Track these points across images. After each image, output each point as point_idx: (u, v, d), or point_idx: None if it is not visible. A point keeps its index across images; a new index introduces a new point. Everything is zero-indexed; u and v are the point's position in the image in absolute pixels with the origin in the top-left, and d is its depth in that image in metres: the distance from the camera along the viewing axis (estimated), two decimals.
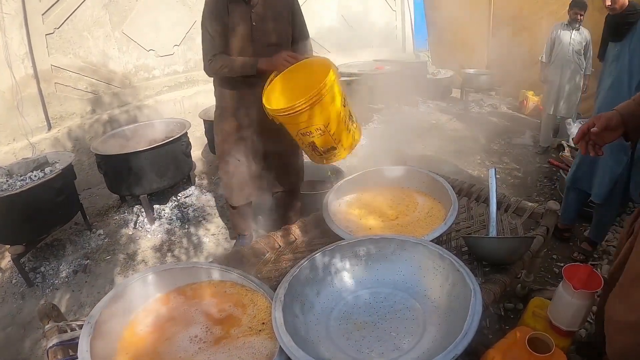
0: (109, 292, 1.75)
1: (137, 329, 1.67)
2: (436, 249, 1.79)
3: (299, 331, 1.56)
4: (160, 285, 1.85)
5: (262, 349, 1.54)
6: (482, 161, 5.90)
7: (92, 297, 3.61)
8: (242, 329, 1.64)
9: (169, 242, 4.23)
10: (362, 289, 1.88)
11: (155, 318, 1.72)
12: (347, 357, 1.54)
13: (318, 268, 1.86)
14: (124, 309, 1.71)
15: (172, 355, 1.54)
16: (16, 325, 3.42)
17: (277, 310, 1.55)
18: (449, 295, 1.66)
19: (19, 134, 5.10)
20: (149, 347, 1.58)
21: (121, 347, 1.58)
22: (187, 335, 1.63)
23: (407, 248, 1.89)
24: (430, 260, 1.81)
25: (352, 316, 1.74)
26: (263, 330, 1.62)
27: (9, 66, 4.91)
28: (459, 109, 8.31)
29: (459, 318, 1.46)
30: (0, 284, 3.84)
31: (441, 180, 2.64)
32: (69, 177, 4.07)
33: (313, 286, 1.82)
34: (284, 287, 1.67)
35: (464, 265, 1.66)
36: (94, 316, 1.58)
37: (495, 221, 2.33)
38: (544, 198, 4.74)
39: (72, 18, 5.39)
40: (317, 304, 1.79)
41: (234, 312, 1.72)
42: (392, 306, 1.76)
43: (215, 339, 1.61)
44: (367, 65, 7.96)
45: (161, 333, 1.64)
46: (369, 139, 6.77)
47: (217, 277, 1.90)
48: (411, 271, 1.86)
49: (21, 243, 3.74)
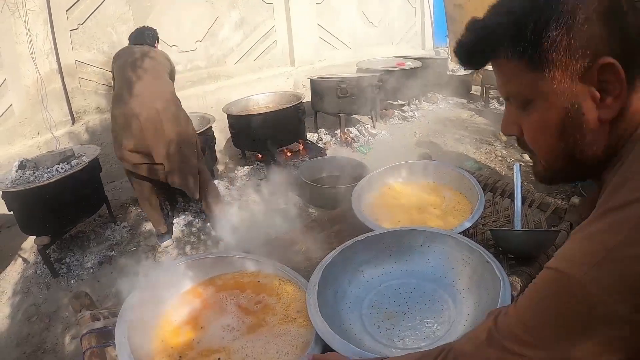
0: (142, 281, 1.76)
1: (171, 318, 1.68)
2: (465, 241, 1.79)
3: (333, 319, 1.57)
4: (193, 275, 1.85)
5: (297, 337, 1.54)
6: (504, 158, 5.86)
7: (117, 288, 3.65)
8: (278, 317, 1.64)
9: (191, 235, 4.26)
10: (391, 280, 1.88)
11: (189, 307, 1.73)
12: (379, 344, 1.56)
13: (349, 258, 1.87)
14: (158, 299, 1.71)
15: (208, 343, 1.55)
16: (41, 315, 3.47)
17: (312, 297, 1.56)
18: (478, 286, 1.66)
19: (43, 128, 5.17)
20: (185, 335, 1.59)
21: (156, 336, 1.59)
22: (222, 323, 1.63)
23: (437, 240, 1.89)
24: (459, 252, 1.81)
25: (382, 305, 1.75)
26: (298, 319, 1.62)
27: (33, 61, 4.98)
28: (480, 106, 8.25)
29: (487, 307, 1.46)
30: (26, 275, 3.90)
31: (467, 175, 2.62)
32: (95, 169, 4.12)
33: (345, 275, 1.83)
34: (318, 274, 1.68)
35: (493, 257, 1.65)
36: (129, 304, 1.59)
37: (521, 215, 2.33)
38: (566, 195, 4.70)
39: (95, 14, 5.45)
40: (349, 293, 1.80)
41: (268, 301, 1.72)
42: (421, 296, 1.76)
43: (250, 327, 1.61)
44: (387, 61, 7.94)
45: (196, 322, 1.65)
46: (391, 134, 6.77)
47: (250, 267, 1.91)
48: (440, 263, 1.86)
49: (47, 234, 3.79)
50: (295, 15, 7.61)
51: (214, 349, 1.52)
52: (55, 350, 3.16)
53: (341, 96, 6.11)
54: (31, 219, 3.76)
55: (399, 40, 9.74)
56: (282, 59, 7.83)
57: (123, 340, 1.43)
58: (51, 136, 5.15)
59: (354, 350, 1.35)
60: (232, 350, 1.51)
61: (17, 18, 4.80)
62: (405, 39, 9.92)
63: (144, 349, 1.49)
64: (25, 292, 3.71)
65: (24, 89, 5.01)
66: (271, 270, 1.88)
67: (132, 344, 1.43)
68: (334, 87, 6.15)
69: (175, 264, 1.86)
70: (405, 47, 9.75)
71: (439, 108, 8.17)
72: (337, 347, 1.37)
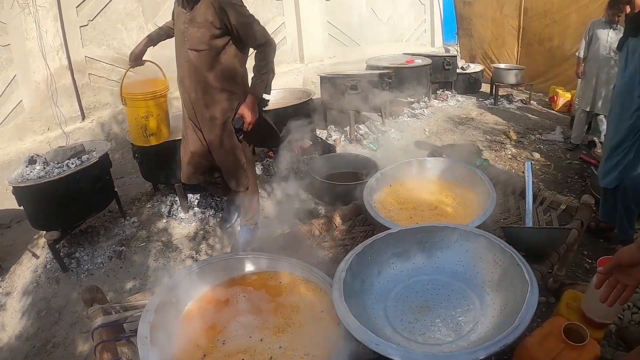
0: (164, 281, 1.77)
1: (194, 318, 1.67)
2: (498, 242, 1.78)
3: (357, 308, 1.57)
4: (214, 276, 1.85)
5: (324, 337, 1.53)
6: (514, 156, 5.84)
7: (127, 283, 3.66)
8: (303, 317, 1.63)
9: (203, 231, 4.26)
10: (421, 275, 1.89)
11: (212, 308, 1.72)
12: (399, 336, 1.56)
13: (381, 249, 1.87)
14: (179, 299, 1.71)
15: (233, 343, 1.54)
16: (51, 309, 3.48)
17: (338, 285, 1.57)
18: (507, 289, 1.65)
19: (53, 124, 5.19)
20: (209, 335, 1.58)
21: (179, 335, 1.58)
22: (246, 324, 1.62)
23: (470, 239, 1.89)
24: (490, 252, 1.80)
25: (408, 299, 1.76)
26: (323, 319, 1.62)
27: (43, 57, 5.00)
28: (489, 104, 8.22)
29: (513, 311, 1.46)
30: (36, 269, 3.91)
31: (478, 172, 2.63)
32: (106, 165, 4.13)
33: (374, 266, 1.84)
34: (347, 262, 1.69)
35: (524, 260, 1.65)
36: (153, 304, 1.59)
37: (532, 213, 2.33)
38: (575, 195, 4.67)
39: (105, 10, 5.47)
40: (376, 284, 1.81)
41: (292, 301, 1.71)
42: (449, 294, 1.77)
43: (275, 327, 1.60)
44: (396, 58, 7.91)
45: (219, 323, 1.64)
46: (400, 132, 6.75)
47: (272, 266, 1.91)
48: (471, 262, 1.86)
49: (57, 229, 3.80)
50: (304, 12, 7.60)
51: (239, 349, 1.51)
52: (65, 344, 3.16)
53: (351, 93, 6.09)
54: (41, 214, 3.77)
55: (408, 38, 9.73)
56: (292, 55, 7.83)
57: (145, 340, 1.43)
58: (61, 132, 5.16)
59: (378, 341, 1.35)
60: (257, 351, 1.50)
61: (27, 14, 4.82)
62: (414, 36, 9.90)
63: (167, 349, 1.49)
64: (35, 287, 3.71)
65: (34, 85, 5.03)
66: (292, 269, 1.88)
67: (156, 345, 1.43)
68: (344, 84, 6.13)
69: (196, 265, 1.86)
70: (414, 44, 9.74)
71: (448, 105, 8.14)
72: (361, 337, 1.37)
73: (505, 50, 9.33)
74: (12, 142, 4.93)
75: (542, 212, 2.64)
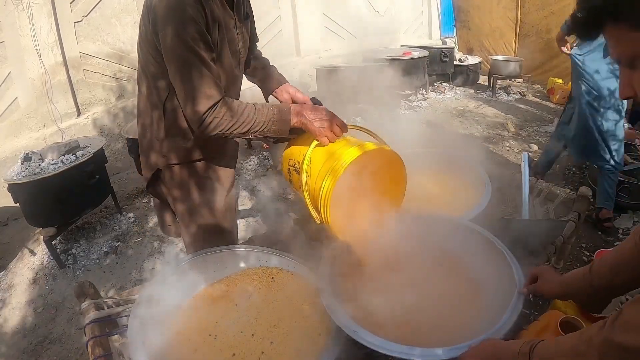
0: (154, 276, 1.76)
1: (185, 313, 1.66)
2: (494, 240, 1.77)
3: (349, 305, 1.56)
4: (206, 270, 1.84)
5: (315, 333, 1.52)
6: (512, 148, 5.82)
7: (123, 278, 3.66)
8: (294, 313, 1.62)
9: None
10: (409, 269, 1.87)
11: (203, 303, 1.71)
12: None
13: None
14: (170, 294, 1.70)
15: (224, 339, 1.53)
16: (48, 305, 3.49)
17: (327, 284, 1.56)
18: (496, 289, 1.64)
19: (48, 120, 5.17)
20: (200, 330, 1.57)
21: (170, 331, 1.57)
22: (238, 320, 1.61)
23: (462, 231, 1.88)
24: (482, 249, 1.79)
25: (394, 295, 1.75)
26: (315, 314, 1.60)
27: (38, 54, 4.97)
28: (487, 96, 8.21)
29: (496, 311, 1.45)
30: (32, 266, 3.90)
31: (474, 164, 2.62)
32: (101, 161, 4.12)
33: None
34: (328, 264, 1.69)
35: (516, 261, 1.64)
36: (142, 299, 1.58)
37: (528, 205, 2.31)
38: (572, 187, 4.66)
39: (100, 5, 5.43)
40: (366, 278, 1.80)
41: (283, 297, 1.70)
42: (441, 290, 1.75)
43: (268, 323, 1.58)
44: (394, 51, 7.89)
45: (210, 318, 1.63)
46: (397, 124, 6.72)
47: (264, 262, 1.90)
48: (461, 256, 1.85)
49: (53, 225, 3.80)
50: (300, 5, 7.57)
51: (231, 344, 1.50)
52: (62, 340, 3.17)
53: (347, 85, 6.07)
54: (37, 211, 3.76)
55: (405, 30, 9.69)
56: (288, 48, 7.79)
57: (136, 336, 1.42)
58: (57, 128, 5.15)
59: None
60: (248, 346, 1.49)
61: (21, 11, 4.79)
62: (411, 29, 9.87)
63: (158, 344, 1.48)
64: (31, 283, 3.72)
65: (29, 82, 5.00)
66: (285, 264, 1.87)
67: (146, 340, 1.42)
68: (340, 76, 6.11)
69: (187, 259, 1.84)
70: (411, 36, 9.71)
71: (445, 98, 8.13)
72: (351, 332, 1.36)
73: (502, 42, 9.29)
74: (8, 139, 4.92)
75: (539, 204, 2.62)
